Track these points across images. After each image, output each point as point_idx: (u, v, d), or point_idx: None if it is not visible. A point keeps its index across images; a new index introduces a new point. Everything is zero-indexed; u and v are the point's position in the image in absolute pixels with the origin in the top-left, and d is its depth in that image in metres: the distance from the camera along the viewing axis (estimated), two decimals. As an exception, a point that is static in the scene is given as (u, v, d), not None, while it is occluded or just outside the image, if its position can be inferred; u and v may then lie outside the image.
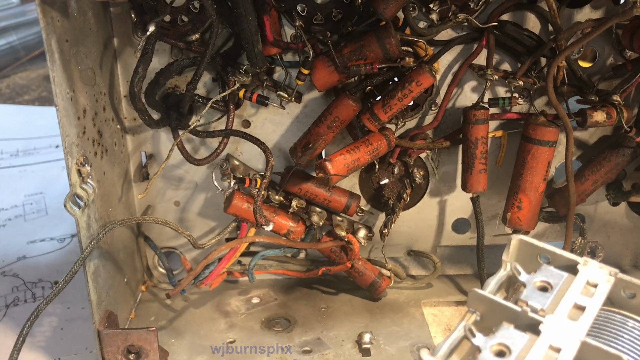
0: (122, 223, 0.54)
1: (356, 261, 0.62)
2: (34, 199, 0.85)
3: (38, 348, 0.61)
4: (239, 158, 0.63)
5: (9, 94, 1.15)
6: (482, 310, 0.40)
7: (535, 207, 0.60)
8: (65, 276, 0.49)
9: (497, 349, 0.36)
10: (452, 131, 0.62)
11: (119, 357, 0.53)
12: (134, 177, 0.64)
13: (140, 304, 0.64)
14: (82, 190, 0.49)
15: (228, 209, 0.60)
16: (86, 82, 0.51)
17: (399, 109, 0.55)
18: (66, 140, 0.47)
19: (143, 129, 0.62)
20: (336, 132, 0.57)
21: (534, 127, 0.58)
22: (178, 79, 0.59)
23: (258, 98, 0.57)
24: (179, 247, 0.67)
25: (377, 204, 0.65)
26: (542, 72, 0.59)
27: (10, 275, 0.71)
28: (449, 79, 0.60)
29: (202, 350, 0.57)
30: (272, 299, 0.65)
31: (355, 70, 0.54)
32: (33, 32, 1.24)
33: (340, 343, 0.58)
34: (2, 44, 1.21)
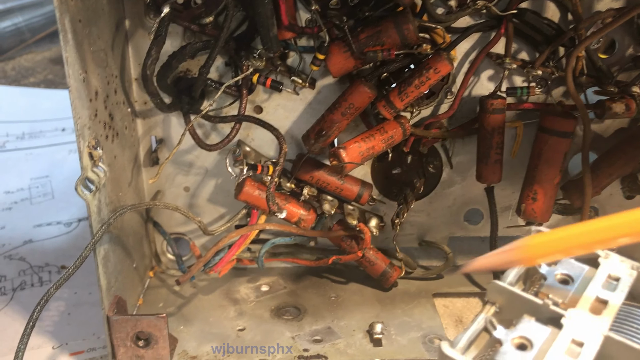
0: (133, 208, 0.53)
1: (367, 250, 0.62)
2: (40, 182, 0.84)
3: (45, 333, 0.60)
4: (250, 144, 0.62)
5: (14, 76, 1.14)
6: (501, 302, 0.40)
7: (550, 199, 0.59)
8: (76, 261, 0.48)
9: (518, 342, 0.36)
10: (468, 120, 0.61)
11: (128, 344, 0.52)
12: (143, 162, 0.63)
13: (148, 289, 0.64)
14: (93, 173, 0.48)
15: (239, 196, 0.59)
16: (98, 64, 0.50)
17: (415, 96, 0.54)
18: (78, 123, 0.46)
19: (153, 113, 0.61)
20: (350, 119, 0.56)
21: (551, 118, 0.57)
22: (190, 62, 0.58)
23: (272, 83, 0.56)
24: (188, 233, 0.66)
25: (389, 193, 0.64)
26: (559, 62, 0.59)
27: (16, 258, 0.70)
28: (465, 67, 0.59)
29: (212, 337, 0.56)
30: (281, 287, 0.64)
31: (371, 56, 0.53)
32: (39, 13, 1.23)
33: (351, 333, 0.57)
34: (7, 25, 1.20)
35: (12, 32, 1.20)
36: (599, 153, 0.63)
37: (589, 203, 0.59)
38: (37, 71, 1.16)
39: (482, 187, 0.63)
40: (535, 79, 0.59)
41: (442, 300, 0.64)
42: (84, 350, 0.58)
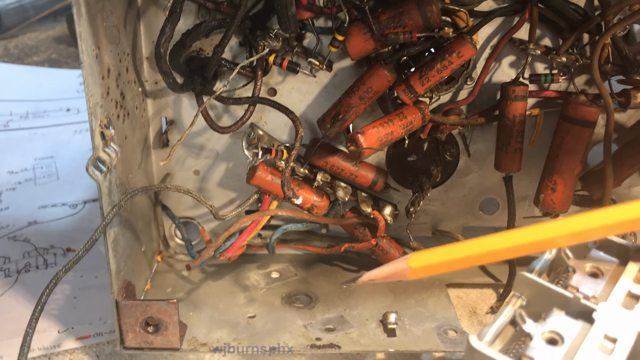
0: (145, 190, 0.51)
1: (381, 239, 0.60)
2: (44, 162, 0.83)
3: (51, 316, 0.59)
4: (263, 128, 0.60)
5: (17, 54, 1.12)
6: (528, 294, 0.38)
7: (570, 190, 0.58)
8: (86, 243, 0.46)
9: (548, 337, 0.35)
10: (487, 107, 0.59)
11: (137, 329, 0.51)
12: (153, 144, 0.61)
13: (155, 274, 0.62)
14: (104, 153, 0.47)
15: (251, 180, 0.57)
16: (111, 40, 0.48)
17: (436, 81, 0.53)
18: (91, 100, 0.44)
19: (164, 93, 0.59)
20: (368, 103, 0.55)
21: (575, 107, 0.56)
22: (203, 41, 0.57)
23: (289, 64, 0.55)
24: (197, 217, 0.64)
25: (404, 180, 0.63)
26: (583, 50, 0.57)
27: (21, 240, 0.69)
28: (486, 52, 0.58)
29: (222, 324, 0.55)
30: (292, 275, 0.63)
31: (392, 38, 0.52)
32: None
33: (364, 322, 0.56)
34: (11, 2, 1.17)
35: (15, 10, 1.18)
36: (619, 144, 0.62)
37: (609, 195, 0.58)
38: (40, 50, 1.14)
39: (499, 176, 0.62)
40: (559, 66, 0.57)
41: (455, 290, 0.63)
42: (90, 335, 0.57)
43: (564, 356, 0.33)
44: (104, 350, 0.56)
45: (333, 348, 0.53)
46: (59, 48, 1.14)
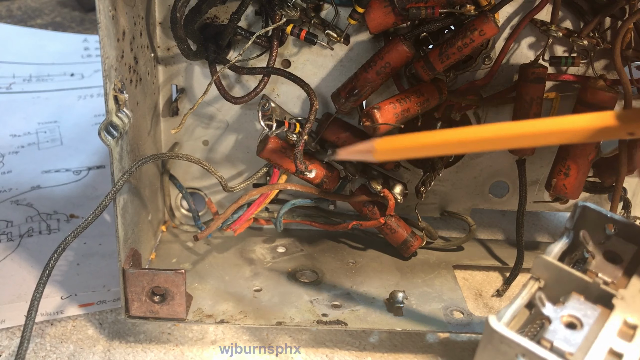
0: (155, 158, 0.50)
1: (389, 217, 0.60)
2: (48, 127, 0.81)
3: (54, 282, 0.58)
4: (275, 100, 0.59)
5: (20, 16, 1.10)
6: (546, 278, 0.38)
7: (583, 176, 0.57)
8: (95, 209, 0.46)
9: (567, 321, 0.34)
10: (503, 89, 0.58)
11: (143, 298, 0.50)
12: (162, 112, 0.60)
13: (160, 244, 0.62)
14: (117, 118, 0.46)
15: (261, 153, 0.57)
16: (127, 2, 0.47)
17: (456, 59, 0.52)
18: (106, 63, 0.43)
19: (176, 60, 0.58)
20: (385, 79, 0.54)
21: (593, 92, 0.55)
22: (218, 9, 0.55)
23: (307, 35, 0.54)
24: (203, 188, 0.64)
25: (414, 160, 0.62)
26: (604, 34, 0.56)
27: (24, 204, 0.68)
28: (506, 32, 0.57)
29: (228, 297, 0.55)
30: (298, 250, 0.62)
31: (414, 13, 0.51)
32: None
33: (370, 300, 0.56)
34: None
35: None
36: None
37: (622, 182, 0.57)
38: (44, 12, 1.11)
39: (511, 159, 0.61)
40: (579, 49, 0.56)
41: (461, 272, 0.62)
42: (93, 303, 0.57)
43: (583, 340, 0.33)
44: (107, 318, 0.56)
45: (339, 324, 0.52)
46: (63, 11, 1.12)
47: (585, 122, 0.34)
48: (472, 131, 0.38)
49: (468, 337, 0.55)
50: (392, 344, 0.54)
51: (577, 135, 0.35)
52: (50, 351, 0.52)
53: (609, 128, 0.34)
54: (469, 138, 0.38)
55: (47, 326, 0.54)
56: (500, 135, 0.37)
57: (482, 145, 0.39)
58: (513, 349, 0.33)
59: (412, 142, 0.41)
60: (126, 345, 0.53)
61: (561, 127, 0.35)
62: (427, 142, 0.40)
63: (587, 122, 0.34)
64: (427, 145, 0.40)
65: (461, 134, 0.38)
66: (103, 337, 0.54)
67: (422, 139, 0.40)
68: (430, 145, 0.40)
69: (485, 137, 0.37)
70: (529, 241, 0.66)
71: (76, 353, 0.52)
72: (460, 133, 0.38)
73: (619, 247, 0.39)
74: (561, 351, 0.33)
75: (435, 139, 0.40)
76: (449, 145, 0.39)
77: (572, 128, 0.35)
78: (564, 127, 0.35)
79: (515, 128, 0.37)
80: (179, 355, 0.52)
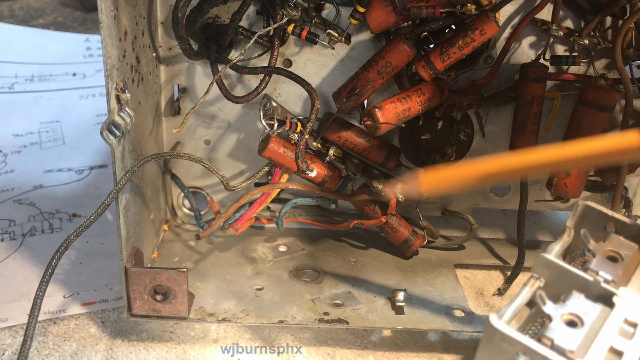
0: (157, 157, 0.51)
1: (391, 217, 0.60)
2: (50, 127, 0.82)
3: (56, 281, 0.58)
4: (277, 100, 0.59)
5: (22, 16, 1.10)
6: (547, 276, 0.38)
7: (584, 175, 0.58)
8: (98, 208, 0.46)
9: (568, 319, 0.34)
10: (504, 88, 0.59)
11: (145, 297, 0.50)
12: (164, 111, 0.60)
13: (162, 243, 0.62)
14: (119, 118, 0.46)
15: (263, 152, 0.57)
16: (128, 2, 0.47)
17: (457, 58, 0.52)
18: (108, 62, 0.43)
19: (177, 60, 0.58)
20: (386, 79, 0.54)
21: (594, 91, 0.55)
22: (219, 8, 0.56)
23: (308, 35, 0.54)
24: (205, 187, 0.64)
25: (416, 159, 0.62)
26: (605, 33, 0.56)
27: (26, 203, 0.68)
28: (507, 32, 0.57)
29: (230, 295, 0.55)
30: (299, 249, 0.63)
31: (415, 12, 0.51)
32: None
33: (372, 299, 0.56)
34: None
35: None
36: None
37: (623, 181, 0.57)
38: (46, 12, 1.12)
39: (512, 159, 0.61)
40: (580, 49, 0.56)
41: (462, 271, 0.62)
42: (96, 301, 0.57)
43: (583, 339, 0.33)
44: (109, 317, 0.56)
45: (341, 323, 0.53)
46: (65, 11, 1.12)
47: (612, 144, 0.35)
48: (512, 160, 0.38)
49: (469, 336, 0.55)
50: (394, 343, 0.54)
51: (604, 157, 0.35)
52: (53, 349, 0.52)
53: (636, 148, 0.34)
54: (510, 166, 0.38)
55: (49, 325, 0.55)
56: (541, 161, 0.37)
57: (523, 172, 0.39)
58: (514, 347, 0.34)
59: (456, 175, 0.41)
60: (128, 343, 0.53)
61: (590, 151, 0.35)
62: (471, 173, 0.40)
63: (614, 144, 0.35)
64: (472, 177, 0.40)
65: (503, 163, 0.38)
66: (105, 336, 0.54)
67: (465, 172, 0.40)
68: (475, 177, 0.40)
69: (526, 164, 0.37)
70: (530, 240, 0.66)
71: (79, 351, 0.52)
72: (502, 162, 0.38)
73: (619, 245, 0.39)
74: (562, 349, 0.33)
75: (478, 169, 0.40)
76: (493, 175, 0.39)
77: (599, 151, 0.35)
78: (591, 151, 0.35)
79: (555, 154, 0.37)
80: (181, 353, 0.52)
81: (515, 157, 0.39)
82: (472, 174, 0.40)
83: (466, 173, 0.40)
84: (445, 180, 0.42)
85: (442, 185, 0.42)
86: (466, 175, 0.40)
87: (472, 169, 0.40)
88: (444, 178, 0.42)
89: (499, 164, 0.39)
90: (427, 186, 0.42)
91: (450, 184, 0.42)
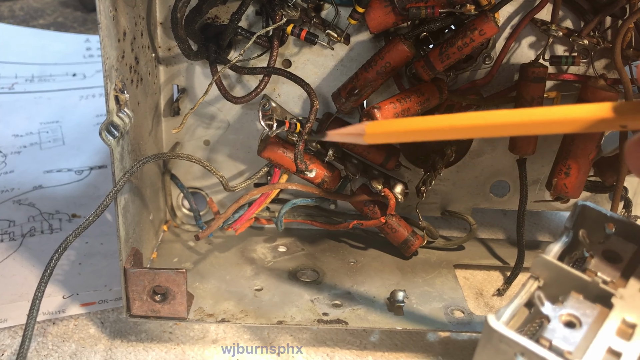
0: (156, 158, 0.51)
1: (390, 217, 0.60)
2: (50, 127, 0.82)
3: (56, 282, 0.58)
4: (276, 100, 0.59)
5: (22, 17, 1.10)
6: (546, 277, 0.38)
7: (584, 175, 0.57)
8: (97, 209, 0.46)
9: (566, 320, 0.34)
10: (504, 88, 0.58)
11: (144, 297, 0.50)
12: (163, 112, 0.60)
13: (162, 244, 0.62)
14: (118, 118, 0.46)
15: (262, 153, 0.57)
16: (127, 2, 0.47)
17: (457, 58, 0.52)
18: (106, 63, 0.43)
19: (177, 60, 0.58)
20: (385, 79, 0.54)
21: (593, 91, 0.55)
22: (218, 9, 0.56)
23: (307, 35, 0.54)
24: (205, 188, 0.64)
25: (415, 159, 0.62)
26: (605, 33, 0.56)
27: (26, 204, 0.68)
28: (506, 32, 0.57)
29: (229, 296, 0.55)
30: (299, 249, 0.63)
31: (414, 12, 0.51)
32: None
33: (371, 299, 0.56)
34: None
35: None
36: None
37: (623, 181, 0.57)
38: (46, 13, 1.12)
39: (511, 159, 0.61)
40: (579, 49, 0.56)
41: (462, 271, 0.62)
42: (95, 302, 0.57)
43: (581, 339, 0.33)
44: (108, 318, 0.56)
45: (340, 324, 0.53)
46: (65, 12, 1.12)
47: (582, 113, 0.34)
48: (465, 117, 0.37)
49: (469, 337, 0.55)
50: (393, 343, 0.54)
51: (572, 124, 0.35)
52: (52, 350, 0.52)
53: (604, 119, 0.33)
54: (462, 124, 0.37)
55: (48, 325, 0.55)
56: (494, 122, 0.36)
57: (474, 131, 0.38)
58: (512, 348, 0.34)
59: (403, 126, 0.40)
60: (127, 344, 0.53)
61: (556, 117, 0.35)
62: (418, 126, 0.39)
63: (584, 113, 0.34)
64: (418, 130, 0.39)
65: (454, 120, 0.37)
66: (105, 336, 0.54)
67: (413, 124, 0.40)
68: (421, 130, 0.39)
69: (478, 123, 0.37)
70: (530, 240, 0.66)
71: (78, 352, 0.52)
72: (453, 119, 0.37)
73: (618, 246, 0.39)
74: (560, 350, 0.33)
75: (427, 123, 0.39)
76: (441, 130, 0.38)
77: (568, 117, 0.34)
78: (559, 117, 0.35)
79: (510, 116, 0.36)
80: (180, 354, 0.52)
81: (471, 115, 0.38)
82: (419, 126, 0.40)
83: (413, 125, 0.40)
84: (391, 130, 0.41)
85: (387, 136, 0.42)
86: (413, 126, 0.40)
87: (420, 121, 0.40)
88: (390, 128, 0.41)
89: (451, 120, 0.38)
90: (372, 135, 0.41)
91: (396, 134, 0.41)
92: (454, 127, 0.37)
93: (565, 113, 0.34)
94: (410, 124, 0.40)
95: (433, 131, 0.39)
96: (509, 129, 0.37)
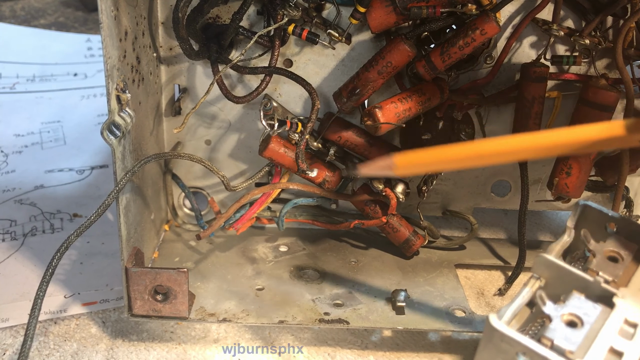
0: (158, 157, 0.51)
1: (391, 217, 0.60)
2: (51, 127, 0.82)
3: (57, 281, 0.58)
4: (277, 100, 0.59)
5: (24, 17, 1.10)
6: (547, 276, 0.38)
7: (585, 175, 0.57)
8: (98, 208, 0.46)
9: (568, 319, 0.34)
10: (505, 88, 0.58)
11: (146, 297, 0.51)
12: (165, 111, 0.60)
13: (163, 243, 0.62)
14: (120, 118, 0.46)
15: (264, 152, 0.57)
16: (129, 2, 0.47)
17: (458, 58, 0.52)
18: (108, 63, 0.43)
19: (178, 60, 0.58)
20: (386, 79, 0.54)
21: (595, 90, 0.55)
22: (220, 9, 0.56)
23: (308, 35, 0.54)
24: (206, 187, 0.64)
25: (416, 158, 0.62)
26: (606, 33, 0.56)
27: (27, 203, 0.68)
28: (507, 32, 0.57)
29: (230, 295, 0.55)
30: (300, 249, 0.63)
31: (415, 12, 0.51)
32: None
33: (372, 299, 0.56)
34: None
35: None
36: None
37: (624, 181, 0.57)
38: (47, 13, 1.12)
39: (513, 159, 0.61)
40: (581, 49, 0.56)
41: (463, 271, 0.62)
42: (96, 301, 0.57)
43: (583, 339, 0.33)
44: (110, 317, 0.56)
45: (341, 323, 0.53)
46: (66, 11, 1.12)
47: (596, 133, 0.35)
48: (488, 145, 0.39)
49: (470, 336, 0.55)
50: (394, 343, 0.54)
51: (588, 145, 0.36)
52: (54, 349, 0.52)
53: (619, 138, 0.34)
54: (486, 152, 0.38)
55: (50, 324, 0.55)
56: (515, 148, 0.37)
57: (498, 158, 0.39)
58: (513, 347, 0.34)
59: (430, 157, 0.41)
60: (129, 343, 0.53)
61: (573, 139, 0.36)
62: (445, 156, 0.40)
63: (598, 133, 0.35)
64: (445, 160, 0.40)
65: (479, 148, 0.39)
66: (106, 336, 0.54)
67: (440, 154, 0.40)
68: (448, 160, 0.40)
69: (501, 150, 0.38)
70: (531, 240, 0.66)
71: (79, 351, 0.52)
72: (478, 147, 0.39)
73: (620, 245, 0.39)
74: (561, 349, 0.33)
75: (453, 153, 0.40)
76: (467, 159, 0.39)
77: (583, 139, 0.35)
78: (575, 139, 0.35)
79: (529, 141, 0.37)
80: (182, 353, 0.52)
81: (494, 143, 0.39)
82: (446, 157, 0.40)
83: (440, 156, 0.41)
84: (419, 162, 0.42)
85: (416, 167, 0.43)
86: (440, 157, 0.41)
87: (447, 152, 0.40)
88: (418, 160, 0.42)
89: (475, 149, 0.39)
90: (401, 167, 0.42)
91: (424, 165, 0.42)
92: (478, 154, 0.38)
93: (582, 134, 0.36)
94: (436, 155, 0.41)
95: (458, 160, 0.40)
96: (530, 153, 0.38)
